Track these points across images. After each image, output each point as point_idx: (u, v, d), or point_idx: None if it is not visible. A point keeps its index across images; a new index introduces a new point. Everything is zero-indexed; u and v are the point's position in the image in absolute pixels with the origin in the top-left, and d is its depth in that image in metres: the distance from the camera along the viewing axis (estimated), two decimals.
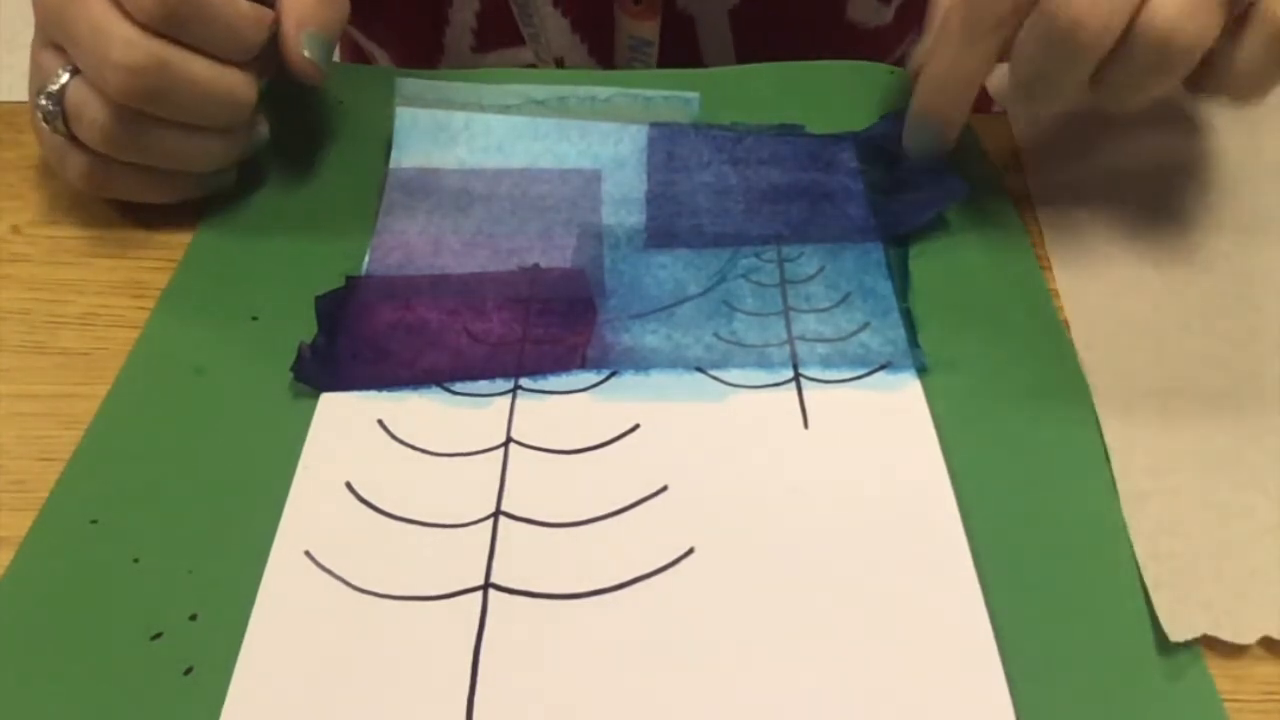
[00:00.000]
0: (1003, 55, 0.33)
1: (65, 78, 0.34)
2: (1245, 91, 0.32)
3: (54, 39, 0.34)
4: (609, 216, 0.37)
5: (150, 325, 0.33)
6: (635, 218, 0.37)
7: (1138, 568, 0.27)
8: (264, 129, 0.38)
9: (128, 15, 0.32)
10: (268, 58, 0.35)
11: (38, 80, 0.34)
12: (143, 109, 0.33)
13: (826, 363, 0.32)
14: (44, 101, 0.34)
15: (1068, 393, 0.31)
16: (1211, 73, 0.31)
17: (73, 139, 0.34)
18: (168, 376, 0.32)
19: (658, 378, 0.32)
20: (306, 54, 0.35)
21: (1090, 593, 0.26)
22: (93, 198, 0.37)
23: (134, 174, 0.35)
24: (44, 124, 0.34)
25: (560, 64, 0.51)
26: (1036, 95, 0.32)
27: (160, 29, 0.32)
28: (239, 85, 0.34)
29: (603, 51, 0.51)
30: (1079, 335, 0.33)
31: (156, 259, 0.36)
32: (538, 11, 0.49)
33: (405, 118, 0.39)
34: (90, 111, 0.33)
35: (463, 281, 0.35)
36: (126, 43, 0.32)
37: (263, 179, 0.39)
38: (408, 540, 0.27)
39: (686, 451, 0.29)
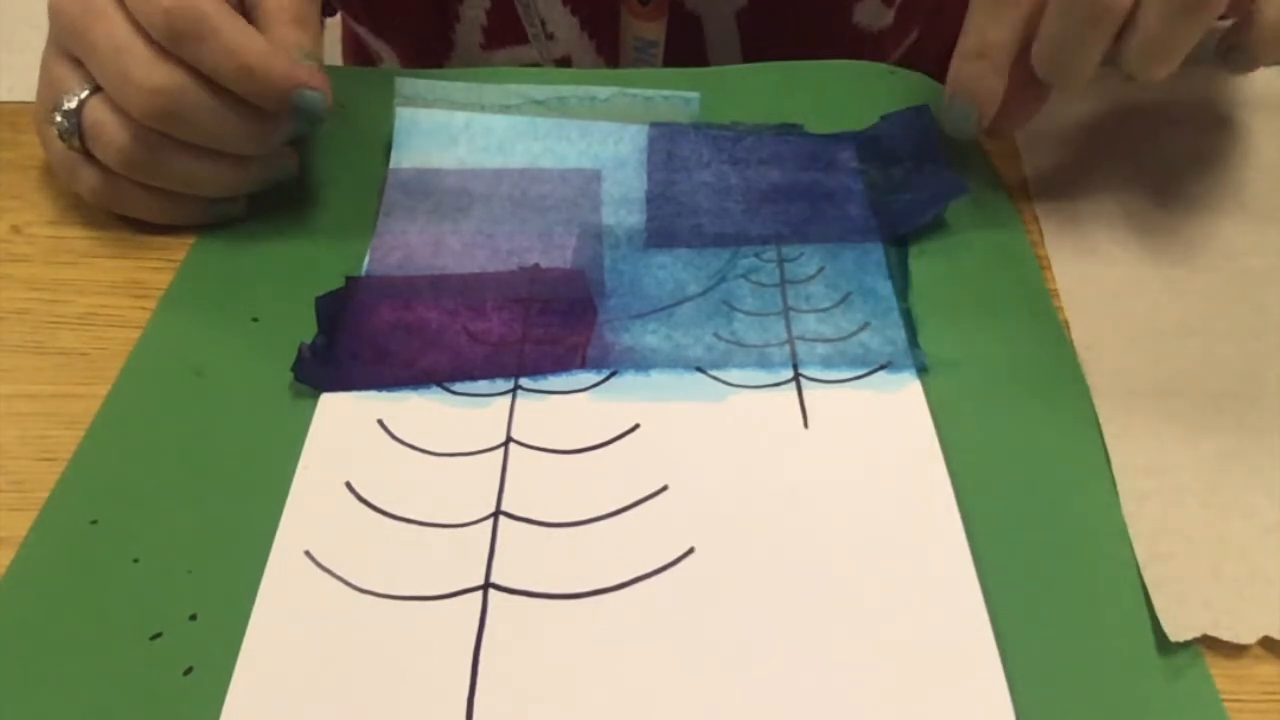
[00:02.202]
0: (1031, 28, 0.33)
1: (84, 94, 0.34)
2: (1146, 61, 0.32)
3: (73, 52, 0.34)
4: (609, 216, 0.37)
5: (150, 325, 0.33)
6: (635, 218, 0.37)
7: (1138, 568, 0.27)
8: (290, 163, 0.37)
9: (148, 36, 0.32)
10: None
11: (51, 93, 0.34)
12: (163, 131, 0.33)
13: (826, 363, 0.32)
14: (60, 119, 0.34)
15: (1068, 393, 0.31)
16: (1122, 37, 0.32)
17: (86, 155, 0.34)
18: (168, 377, 0.32)
19: (658, 378, 0.32)
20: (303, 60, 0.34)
21: (1090, 593, 0.26)
22: None
23: (145, 195, 0.35)
24: (58, 139, 0.34)
25: (568, 63, 0.51)
26: (1062, 67, 0.33)
27: (170, 47, 0.32)
28: (259, 114, 0.34)
29: (611, 51, 0.51)
30: (1079, 335, 0.33)
31: (156, 259, 0.36)
32: (547, 11, 0.49)
33: (405, 118, 0.39)
34: (109, 132, 0.33)
35: (463, 281, 0.35)
36: (148, 63, 0.32)
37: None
38: (408, 540, 0.27)
39: (686, 451, 0.29)
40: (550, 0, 0.49)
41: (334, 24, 0.60)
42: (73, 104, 0.34)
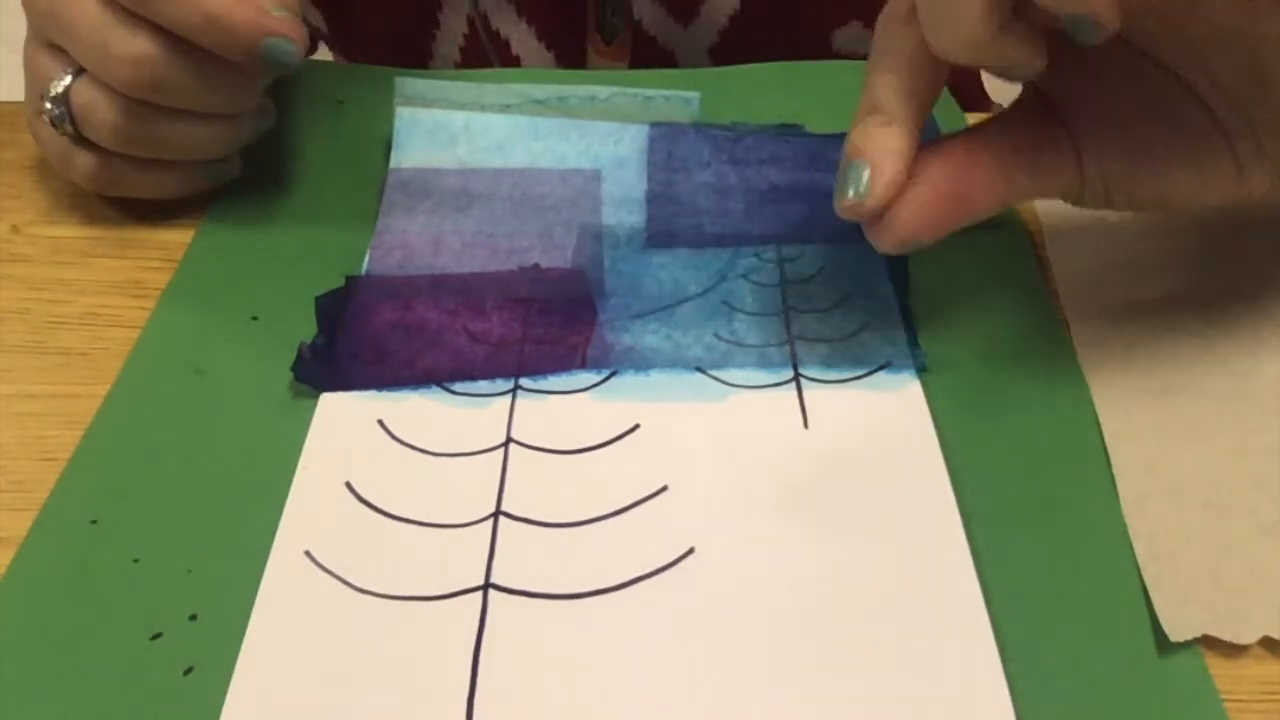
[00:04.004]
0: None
1: (68, 79, 0.33)
2: None
3: (51, 38, 0.34)
4: (609, 216, 0.37)
5: (150, 325, 0.33)
6: (635, 218, 0.37)
7: (1138, 568, 0.27)
8: (269, 112, 0.38)
9: (120, 9, 0.32)
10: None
11: (37, 83, 0.34)
12: (151, 100, 0.33)
13: (827, 363, 0.32)
14: (49, 106, 0.34)
15: (1068, 393, 0.31)
16: None
17: (79, 139, 0.34)
18: (168, 376, 0.32)
19: (658, 378, 0.32)
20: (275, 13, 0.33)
21: (1090, 593, 0.26)
22: (92, 196, 0.37)
23: (141, 169, 0.35)
24: (50, 127, 0.34)
25: None
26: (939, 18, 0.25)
27: (135, 7, 0.31)
28: (240, 70, 0.34)
29: None
30: (1079, 335, 0.33)
31: (156, 259, 0.36)
32: (523, 48, 0.49)
33: (405, 118, 0.39)
34: (100, 111, 0.33)
35: (463, 281, 0.35)
36: (126, 35, 0.32)
37: (263, 179, 0.39)
38: (408, 540, 0.27)
39: (686, 451, 0.29)
40: (525, 36, 0.49)
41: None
42: (59, 89, 0.34)
